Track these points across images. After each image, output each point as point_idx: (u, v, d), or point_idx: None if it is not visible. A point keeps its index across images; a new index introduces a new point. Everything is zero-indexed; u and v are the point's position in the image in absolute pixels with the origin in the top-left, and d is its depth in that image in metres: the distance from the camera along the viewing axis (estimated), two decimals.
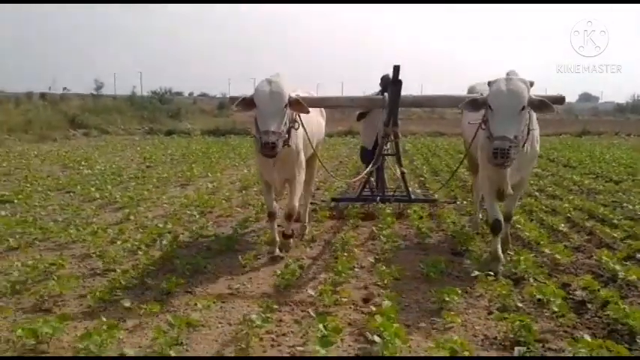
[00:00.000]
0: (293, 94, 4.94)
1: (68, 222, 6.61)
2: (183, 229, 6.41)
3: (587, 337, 3.29)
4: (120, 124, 27.40)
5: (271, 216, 5.45)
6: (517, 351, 3.24)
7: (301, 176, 5.47)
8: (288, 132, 4.88)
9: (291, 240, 5.71)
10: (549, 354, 3.23)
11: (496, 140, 4.17)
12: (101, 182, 9.87)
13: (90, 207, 7.63)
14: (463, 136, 6.74)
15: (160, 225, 6.35)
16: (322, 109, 6.59)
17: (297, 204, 5.46)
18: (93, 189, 8.97)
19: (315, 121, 6.09)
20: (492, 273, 4.50)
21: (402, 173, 7.30)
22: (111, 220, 6.88)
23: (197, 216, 7.12)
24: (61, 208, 7.54)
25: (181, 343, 3.36)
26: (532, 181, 9.77)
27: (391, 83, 5.78)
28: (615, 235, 5.97)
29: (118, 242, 5.64)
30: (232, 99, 5.16)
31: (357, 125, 8.98)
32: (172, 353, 3.16)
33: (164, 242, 5.56)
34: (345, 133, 24.62)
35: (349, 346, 3.41)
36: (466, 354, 3.14)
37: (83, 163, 13.02)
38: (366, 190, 7.65)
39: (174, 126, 27.61)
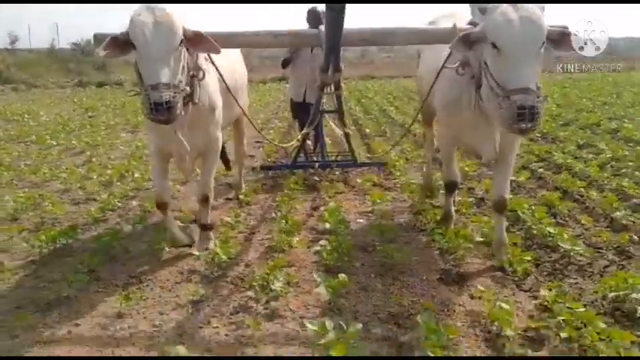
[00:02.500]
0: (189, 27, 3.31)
1: (37, 165, 7.20)
2: (146, 166, 7.15)
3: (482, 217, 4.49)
4: (47, 77, 26.85)
5: (162, 207, 3.95)
6: None
7: (218, 144, 4.07)
8: (191, 83, 3.42)
9: (212, 232, 4.20)
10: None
11: (517, 94, 2.77)
12: (52, 131, 10.29)
13: (51, 153, 8.19)
14: (419, 82, 4.98)
15: (125, 163, 7.08)
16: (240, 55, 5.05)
17: (212, 183, 4.12)
18: (48, 137, 9.44)
19: (238, 67, 4.72)
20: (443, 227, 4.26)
21: (346, 135, 6.26)
22: (76, 163, 7.51)
23: None
24: (26, 154, 8.07)
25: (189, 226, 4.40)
26: None
27: (328, 9, 3.36)
28: None
29: (94, 177, 6.36)
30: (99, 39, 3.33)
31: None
32: (186, 239, 4.16)
33: (136, 175, 6.32)
34: (280, 79, 25.16)
35: (305, 236, 4.42)
36: (390, 234, 4.23)
37: (26, 115, 13.21)
38: (301, 155, 6.53)
39: (104, 78, 27.31)
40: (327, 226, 4.33)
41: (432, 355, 2.53)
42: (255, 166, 7.00)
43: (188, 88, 3.30)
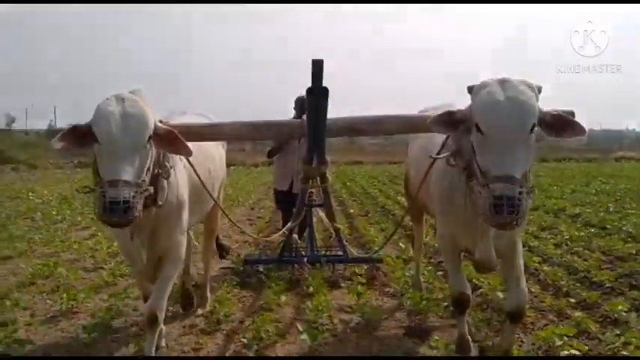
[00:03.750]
0: (159, 120, 3.01)
1: (49, 237, 7.86)
2: None
3: None
4: (46, 158, 27.78)
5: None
6: None
7: (180, 251, 3.47)
8: (155, 182, 2.98)
9: None
10: None
11: (497, 183, 2.50)
12: (58, 208, 11.00)
13: (59, 227, 8.86)
14: (408, 171, 4.78)
15: None
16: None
17: (164, 301, 3.37)
18: (54, 213, 10.14)
19: (214, 156, 4.21)
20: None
21: (336, 230, 5.73)
22: (84, 236, 8.17)
23: None
24: (35, 228, 8.73)
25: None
26: None
27: (309, 94, 3.29)
28: None
29: (102, 248, 7.02)
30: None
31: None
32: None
33: None
34: (270, 163, 26.00)
35: (292, 297, 5.06)
36: (366, 297, 4.88)
37: (30, 194, 13.95)
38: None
39: None
40: (311, 289, 5.00)
41: (435, 355, 3.10)
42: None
43: (151, 189, 2.84)
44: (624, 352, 3.57)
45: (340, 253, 5.82)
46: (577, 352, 3.54)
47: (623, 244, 6.85)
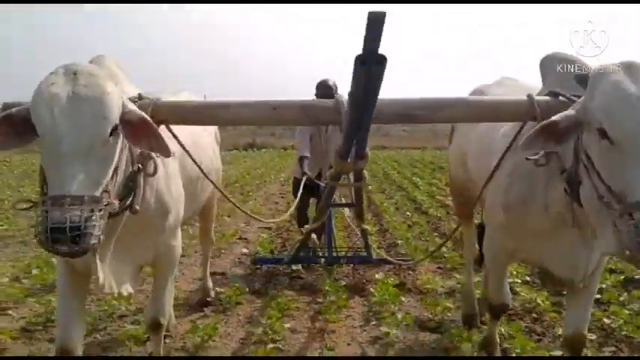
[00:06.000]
0: (130, 101, 2.20)
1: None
2: None
3: None
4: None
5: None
6: None
7: (174, 253, 2.84)
8: (132, 184, 2.19)
9: None
10: None
11: None
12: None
13: None
14: (454, 164, 3.92)
15: None
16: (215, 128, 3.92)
17: (167, 304, 2.98)
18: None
19: (206, 146, 3.43)
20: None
21: (363, 231, 5.07)
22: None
23: None
24: None
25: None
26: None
27: (360, 64, 1.95)
28: None
29: None
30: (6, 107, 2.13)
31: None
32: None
33: None
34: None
35: None
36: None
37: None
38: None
39: None
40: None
41: (430, 356, 3.17)
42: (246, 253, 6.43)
43: (116, 203, 2.03)
44: None
45: (364, 253, 5.33)
46: None
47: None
